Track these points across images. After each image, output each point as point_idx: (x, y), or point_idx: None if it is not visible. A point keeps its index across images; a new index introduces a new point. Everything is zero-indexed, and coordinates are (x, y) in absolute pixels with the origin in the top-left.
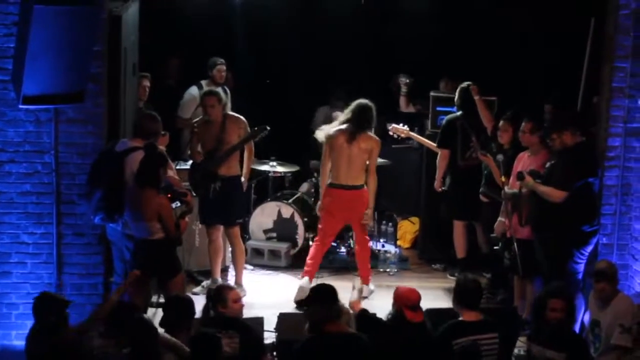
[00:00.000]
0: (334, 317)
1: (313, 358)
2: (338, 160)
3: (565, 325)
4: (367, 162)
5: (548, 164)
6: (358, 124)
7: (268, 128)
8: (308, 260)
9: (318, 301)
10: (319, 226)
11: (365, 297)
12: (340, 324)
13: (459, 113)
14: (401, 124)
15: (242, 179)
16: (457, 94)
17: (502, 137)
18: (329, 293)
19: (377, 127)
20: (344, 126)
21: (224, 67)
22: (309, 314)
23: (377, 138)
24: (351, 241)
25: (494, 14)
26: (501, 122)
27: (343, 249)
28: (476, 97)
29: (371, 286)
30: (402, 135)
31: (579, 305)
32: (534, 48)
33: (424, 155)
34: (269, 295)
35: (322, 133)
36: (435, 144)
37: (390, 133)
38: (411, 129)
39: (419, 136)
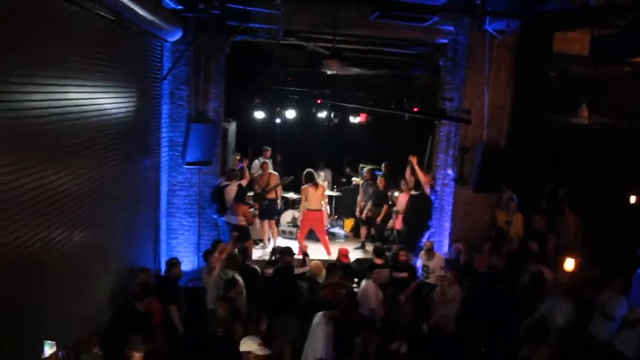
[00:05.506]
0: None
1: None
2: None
3: (408, 262)
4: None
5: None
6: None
7: (292, 177)
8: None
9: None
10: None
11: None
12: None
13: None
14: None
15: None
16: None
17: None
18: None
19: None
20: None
21: (270, 150)
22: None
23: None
24: None
25: (395, 127)
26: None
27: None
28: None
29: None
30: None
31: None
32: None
33: (359, 191)
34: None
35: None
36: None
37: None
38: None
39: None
